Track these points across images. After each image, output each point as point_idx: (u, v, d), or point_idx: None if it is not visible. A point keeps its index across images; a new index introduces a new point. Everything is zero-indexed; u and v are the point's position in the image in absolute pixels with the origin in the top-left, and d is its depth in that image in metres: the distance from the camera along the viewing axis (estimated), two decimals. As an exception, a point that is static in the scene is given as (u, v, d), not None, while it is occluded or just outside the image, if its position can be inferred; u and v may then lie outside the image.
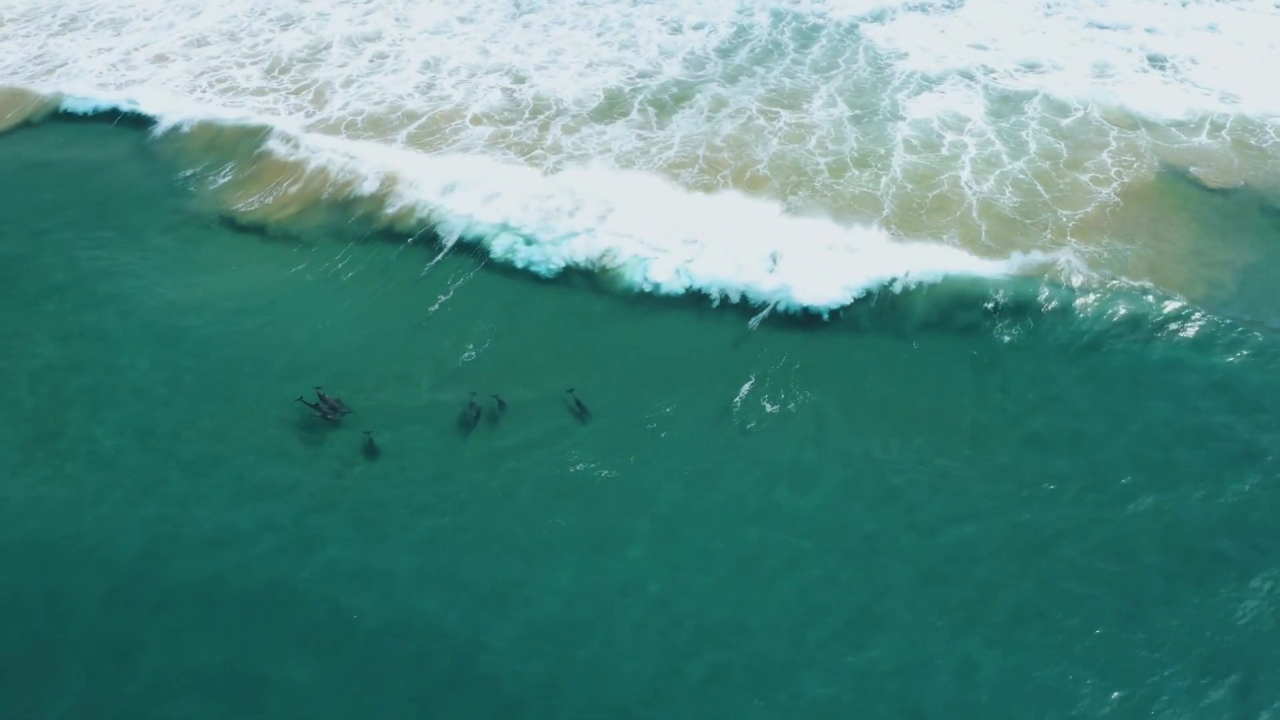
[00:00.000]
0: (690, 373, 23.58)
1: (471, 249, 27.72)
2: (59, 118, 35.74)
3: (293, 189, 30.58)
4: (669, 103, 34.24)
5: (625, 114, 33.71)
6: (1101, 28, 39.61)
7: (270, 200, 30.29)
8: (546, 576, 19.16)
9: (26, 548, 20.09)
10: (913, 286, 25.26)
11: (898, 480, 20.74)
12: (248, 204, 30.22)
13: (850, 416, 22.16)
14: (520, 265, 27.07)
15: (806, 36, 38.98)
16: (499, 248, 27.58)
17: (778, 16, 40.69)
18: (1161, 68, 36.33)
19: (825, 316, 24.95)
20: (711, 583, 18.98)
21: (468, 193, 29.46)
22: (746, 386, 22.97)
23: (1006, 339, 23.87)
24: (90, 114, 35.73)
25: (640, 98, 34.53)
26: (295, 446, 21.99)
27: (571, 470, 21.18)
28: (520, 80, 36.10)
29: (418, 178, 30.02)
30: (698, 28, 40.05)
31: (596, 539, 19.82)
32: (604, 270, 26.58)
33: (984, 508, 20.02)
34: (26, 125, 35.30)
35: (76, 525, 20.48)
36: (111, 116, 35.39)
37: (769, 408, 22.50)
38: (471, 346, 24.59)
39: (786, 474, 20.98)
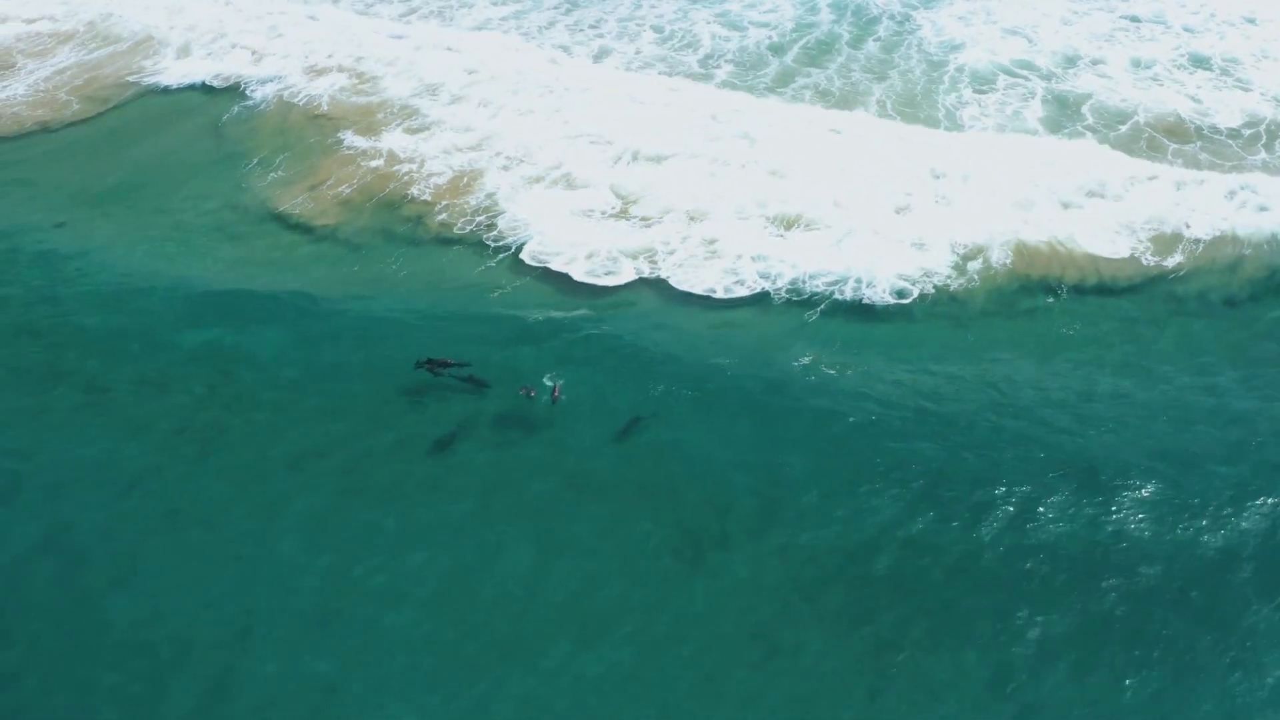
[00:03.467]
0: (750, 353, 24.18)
1: (528, 250, 27.86)
2: (142, 93, 36.21)
3: (355, 183, 30.75)
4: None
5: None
6: (1136, 20, 39.45)
7: (328, 193, 30.41)
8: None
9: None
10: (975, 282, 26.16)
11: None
12: (305, 196, 30.35)
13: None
14: (583, 268, 27.21)
15: (864, 30, 38.95)
16: (556, 248, 27.80)
17: (839, 10, 40.48)
18: (1207, 67, 36.34)
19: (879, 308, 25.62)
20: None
21: (528, 193, 29.77)
22: (806, 359, 23.63)
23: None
24: (171, 88, 36.27)
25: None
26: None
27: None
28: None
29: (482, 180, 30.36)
30: (760, 24, 39.76)
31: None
32: (661, 279, 26.80)
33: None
34: (115, 109, 35.66)
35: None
36: (193, 90, 36.05)
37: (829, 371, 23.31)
38: (529, 342, 24.69)
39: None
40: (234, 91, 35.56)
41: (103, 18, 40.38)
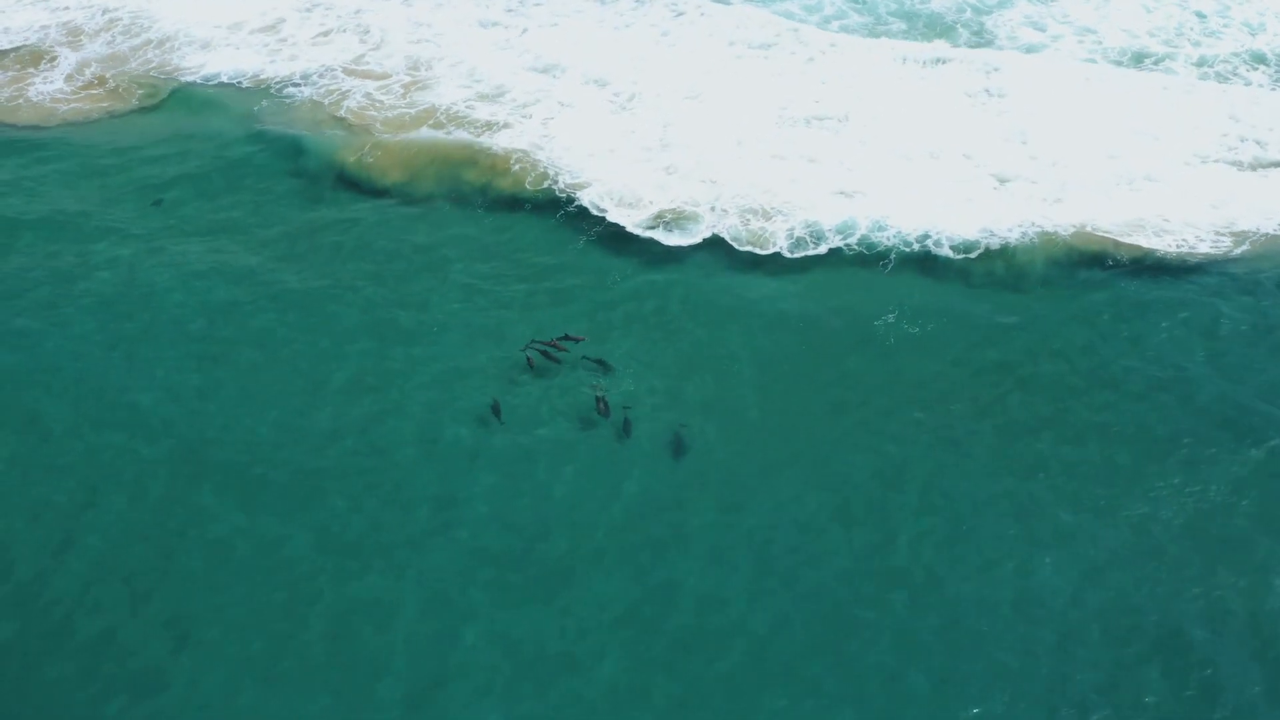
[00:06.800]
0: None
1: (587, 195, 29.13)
2: (185, 86, 35.78)
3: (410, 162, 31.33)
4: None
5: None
6: (1202, 16, 38.81)
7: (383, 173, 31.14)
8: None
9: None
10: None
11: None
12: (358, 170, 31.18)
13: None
14: (656, 237, 28.08)
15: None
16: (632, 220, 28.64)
17: (910, 20, 39.70)
18: (1265, 63, 35.85)
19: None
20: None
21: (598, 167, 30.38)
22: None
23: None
24: (210, 82, 35.84)
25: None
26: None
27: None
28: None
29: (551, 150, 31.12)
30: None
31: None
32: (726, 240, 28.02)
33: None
34: (156, 108, 35.25)
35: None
36: (229, 84, 35.64)
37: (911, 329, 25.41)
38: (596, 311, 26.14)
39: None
40: (270, 86, 35.27)
41: (140, 12, 39.56)
